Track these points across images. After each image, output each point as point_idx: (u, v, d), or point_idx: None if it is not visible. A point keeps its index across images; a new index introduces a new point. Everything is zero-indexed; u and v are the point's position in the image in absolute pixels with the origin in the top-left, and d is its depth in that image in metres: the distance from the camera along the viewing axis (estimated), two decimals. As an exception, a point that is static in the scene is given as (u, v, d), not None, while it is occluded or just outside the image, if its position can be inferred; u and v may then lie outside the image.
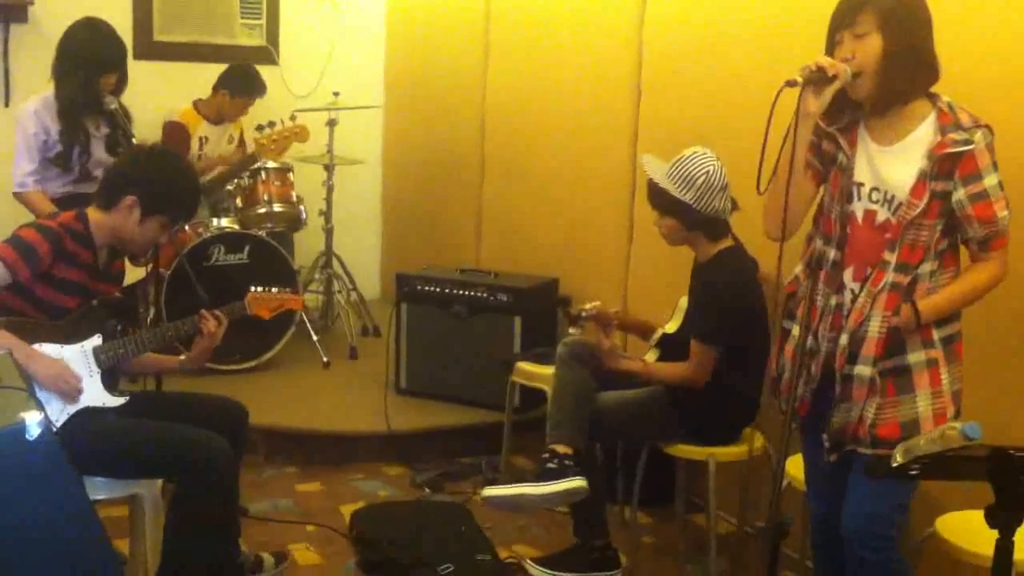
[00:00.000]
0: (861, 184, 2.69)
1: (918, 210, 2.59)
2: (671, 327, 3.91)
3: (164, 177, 3.32)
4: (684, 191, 3.55)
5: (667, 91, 4.56)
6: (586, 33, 5.08)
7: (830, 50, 2.65)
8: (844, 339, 2.68)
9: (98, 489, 3.12)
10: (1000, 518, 2.01)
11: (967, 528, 2.74)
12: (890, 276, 2.63)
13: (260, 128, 5.45)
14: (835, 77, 2.56)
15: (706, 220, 3.58)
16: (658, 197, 3.64)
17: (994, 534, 2.03)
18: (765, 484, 3.72)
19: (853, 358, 2.67)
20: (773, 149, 2.60)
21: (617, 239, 4.88)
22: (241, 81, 5.97)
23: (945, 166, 2.58)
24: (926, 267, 2.64)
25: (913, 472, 2.08)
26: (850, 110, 2.70)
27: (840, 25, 2.62)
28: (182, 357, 3.53)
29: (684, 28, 4.44)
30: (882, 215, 2.66)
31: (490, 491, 3.62)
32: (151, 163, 3.37)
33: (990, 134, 2.59)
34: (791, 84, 2.56)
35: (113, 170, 3.44)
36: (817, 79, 2.57)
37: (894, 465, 2.03)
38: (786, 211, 2.57)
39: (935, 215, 2.61)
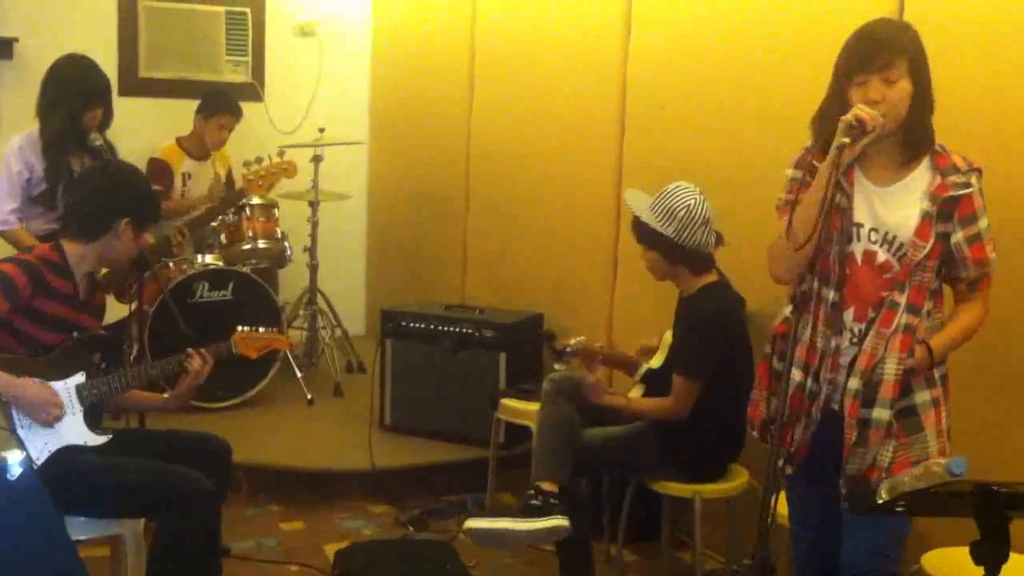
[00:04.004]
0: (860, 225, 2.68)
1: (924, 251, 2.60)
2: (656, 362, 3.91)
3: (143, 190, 3.40)
4: (666, 224, 3.57)
5: (651, 126, 4.59)
6: (570, 69, 5.11)
7: (842, 91, 2.61)
8: (855, 383, 2.63)
9: (80, 529, 3.08)
10: (985, 554, 2.01)
11: (953, 565, 2.73)
12: (903, 318, 2.61)
13: (248, 164, 5.45)
14: (873, 129, 2.53)
15: (688, 253, 3.60)
16: (641, 230, 3.66)
17: (980, 570, 2.03)
18: (751, 521, 3.72)
19: (869, 402, 2.63)
20: (764, 190, 2.59)
21: (602, 274, 4.89)
22: (209, 100, 5.96)
23: (945, 208, 2.60)
24: (925, 307, 2.66)
25: (899, 508, 2.08)
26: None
27: (867, 68, 2.56)
28: (165, 395, 3.51)
29: (668, 64, 4.47)
30: (882, 256, 2.65)
31: (473, 523, 3.58)
32: (127, 182, 3.38)
33: (980, 177, 2.63)
34: (842, 148, 2.51)
35: (90, 200, 3.34)
36: (857, 133, 2.53)
37: (879, 502, 2.02)
38: (823, 262, 2.58)
39: (936, 256, 2.63)
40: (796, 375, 2.72)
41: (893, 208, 2.65)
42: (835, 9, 3.56)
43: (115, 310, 4.34)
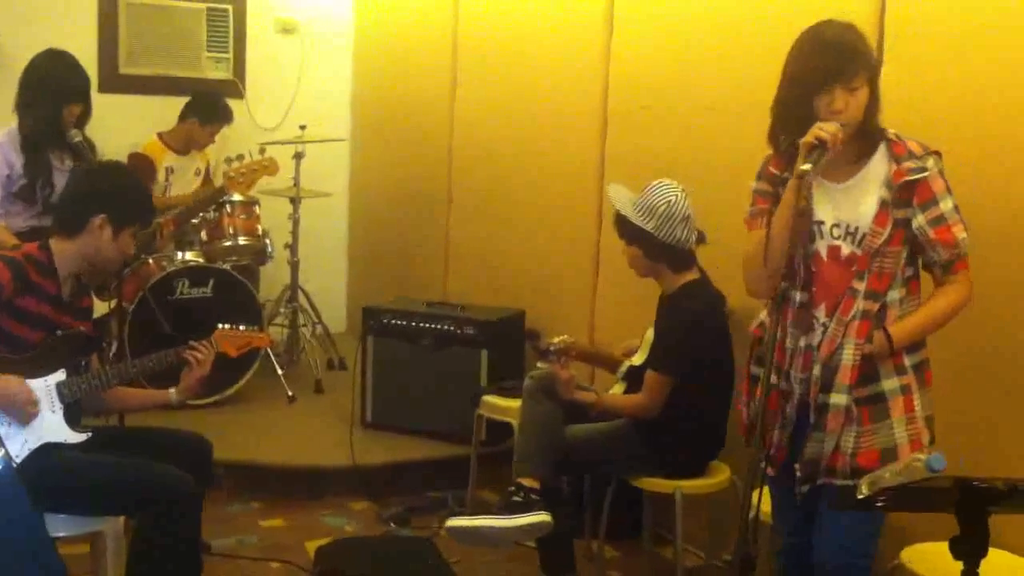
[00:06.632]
0: (821, 222, 2.71)
1: (882, 238, 2.62)
2: (638, 359, 3.91)
3: (125, 188, 3.37)
4: (646, 219, 3.59)
5: (633, 124, 4.59)
6: (553, 66, 5.11)
7: (807, 97, 2.60)
8: (817, 369, 2.68)
9: (59, 526, 3.07)
10: (965, 549, 2.02)
11: (932, 559, 2.75)
12: (860, 304, 2.64)
13: (229, 161, 5.43)
14: (834, 146, 2.54)
15: (668, 249, 3.61)
16: (622, 225, 3.69)
17: (959, 566, 2.04)
18: (732, 517, 3.73)
19: (827, 387, 2.67)
20: (747, 188, 2.59)
21: (584, 271, 4.89)
22: (211, 108, 5.96)
23: (903, 194, 2.63)
24: (894, 294, 2.67)
25: (879, 504, 2.09)
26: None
27: (835, 80, 2.57)
28: (172, 391, 3.47)
29: (650, 61, 4.48)
30: (847, 249, 2.68)
31: (454, 522, 3.59)
32: (108, 178, 3.39)
33: (940, 160, 2.66)
34: (803, 176, 2.52)
35: (70, 195, 3.39)
36: (818, 154, 2.53)
37: (860, 497, 2.03)
38: (788, 264, 2.59)
39: (898, 242, 2.64)
40: (772, 377, 2.76)
41: (853, 201, 2.68)
42: (816, 9, 3.56)
43: (95, 307, 4.33)
